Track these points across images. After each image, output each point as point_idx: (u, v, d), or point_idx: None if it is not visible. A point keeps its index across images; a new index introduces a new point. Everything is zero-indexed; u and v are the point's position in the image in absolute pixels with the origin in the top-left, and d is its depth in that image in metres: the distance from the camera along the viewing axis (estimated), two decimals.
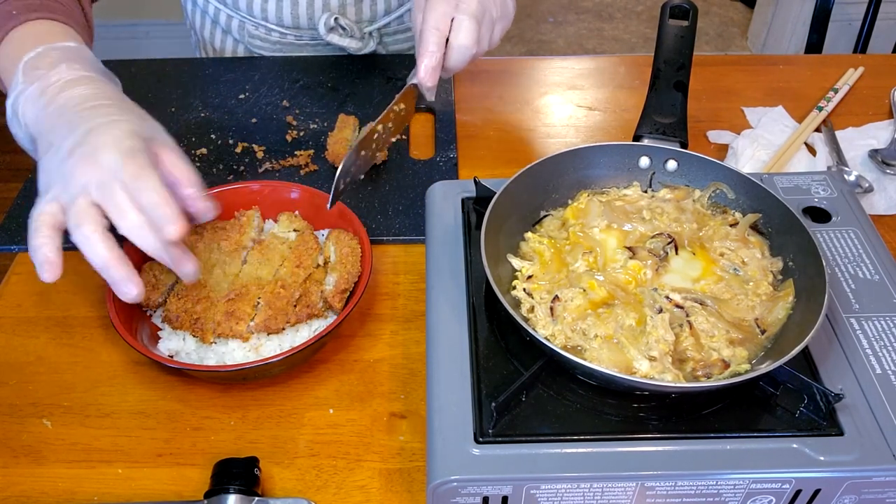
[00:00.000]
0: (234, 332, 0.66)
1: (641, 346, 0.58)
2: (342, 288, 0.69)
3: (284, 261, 0.72)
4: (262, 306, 0.67)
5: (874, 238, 0.69)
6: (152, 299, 0.68)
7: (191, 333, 0.67)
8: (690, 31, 0.76)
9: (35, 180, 0.87)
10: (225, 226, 0.74)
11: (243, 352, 0.66)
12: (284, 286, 0.68)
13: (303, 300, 0.68)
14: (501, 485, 0.52)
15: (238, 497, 0.56)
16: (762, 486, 0.53)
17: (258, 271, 0.71)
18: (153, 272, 0.70)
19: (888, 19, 1.88)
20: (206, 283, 0.69)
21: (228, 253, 0.72)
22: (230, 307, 0.67)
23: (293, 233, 0.75)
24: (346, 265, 0.70)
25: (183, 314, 0.67)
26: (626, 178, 0.73)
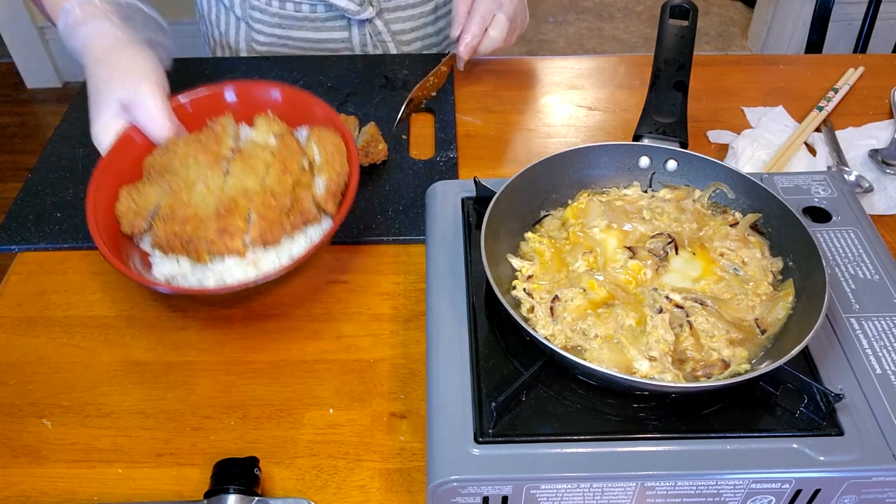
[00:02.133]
0: (230, 248, 0.63)
1: (641, 346, 0.58)
2: (333, 190, 0.66)
3: (269, 168, 0.68)
4: (255, 219, 0.64)
5: (874, 238, 0.69)
6: (136, 225, 0.65)
7: (184, 254, 0.64)
8: (690, 31, 0.76)
9: (35, 181, 0.87)
10: (199, 137, 0.70)
11: (242, 268, 0.63)
12: (274, 195, 0.65)
13: (295, 207, 0.65)
14: (501, 485, 0.52)
15: (238, 497, 0.56)
16: (762, 486, 0.53)
17: (243, 182, 0.67)
18: (131, 198, 0.67)
19: (888, 19, 1.88)
20: (189, 201, 0.66)
21: (208, 166, 0.68)
22: (221, 223, 0.63)
23: (272, 137, 0.71)
24: (334, 165, 0.67)
25: (172, 237, 0.64)
26: (626, 178, 0.73)
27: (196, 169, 0.68)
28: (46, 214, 0.82)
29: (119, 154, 0.72)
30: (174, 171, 0.67)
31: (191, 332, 0.72)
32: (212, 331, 0.72)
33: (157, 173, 0.70)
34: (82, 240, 0.79)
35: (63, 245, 0.79)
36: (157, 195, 0.67)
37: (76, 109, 0.96)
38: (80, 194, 0.84)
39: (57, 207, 0.83)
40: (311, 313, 0.73)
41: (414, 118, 0.96)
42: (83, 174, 0.87)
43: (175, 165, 0.68)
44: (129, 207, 0.66)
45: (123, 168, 0.72)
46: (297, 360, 0.69)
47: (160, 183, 0.68)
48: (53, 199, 0.84)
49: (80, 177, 0.86)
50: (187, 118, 0.75)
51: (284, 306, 0.74)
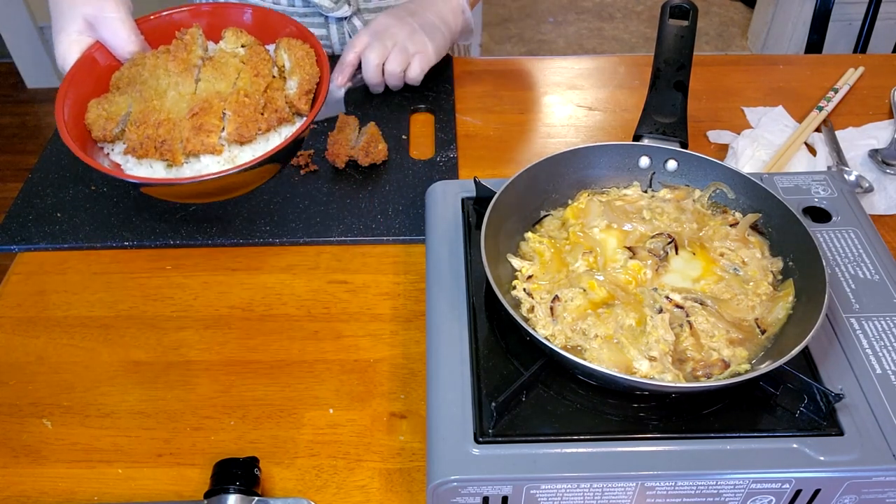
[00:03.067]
0: (206, 145, 0.63)
1: (641, 346, 0.58)
2: (306, 89, 0.66)
3: (240, 73, 0.68)
4: (230, 116, 0.64)
5: (874, 238, 0.69)
6: (108, 129, 0.65)
7: (158, 158, 0.64)
8: (690, 31, 0.76)
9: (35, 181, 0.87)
10: (167, 49, 0.70)
11: (218, 166, 0.63)
12: (248, 95, 0.65)
13: (269, 107, 0.66)
14: (501, 485, 0.52)
15: (238, 497, 0.56)
16: (762, 486, 0.53)
17: (215, 86, 0.67)
18: (102, 106, 0.67)
19: (888, 19, 1.88)
20: (161, 107, 0.66)
21: (178, 74, 0.68)
22: (196, 122, 0.63)
23: (241, 49, 0.72)
24: (305, 67, 0.68)
25: (146, 140, 0.63)
26: (626, 178, 0.73)
27: (166, 78, 0.68)
28: (46, 214, 0.82)
29: (84, 70, 0.72)
30: (143, 81, 0.68)
31: (191, 332, 0.72)
32: (212, 331, 0.72)
33: (126, 85, 0.70)
34: (82, 240, 0.79)
35: (63, 245, 0.79)
36: (126, 103, 0.67)
37: None
38: (79, 194, 0.84)
39: (57, 207, 0.83)
40: (311, 313, 0.73)
41: (414, 118, 0.96)
42: (83, 174, 0.87)
43: (144, 76, 0.68)
44: (100, 115, 0.66)
45: (89, 85, 0.72)
46: (297, 360, 0.69)
47: (129, 92, 0.69)
48: (53, 199, 0.84)
49: (80, 177, 0.86)
50: (156, 38, 0.75)
51: (284, 306, 0.74)
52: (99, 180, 0.86)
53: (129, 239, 0.79)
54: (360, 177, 0.87)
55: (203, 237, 0.79)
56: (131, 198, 0.84)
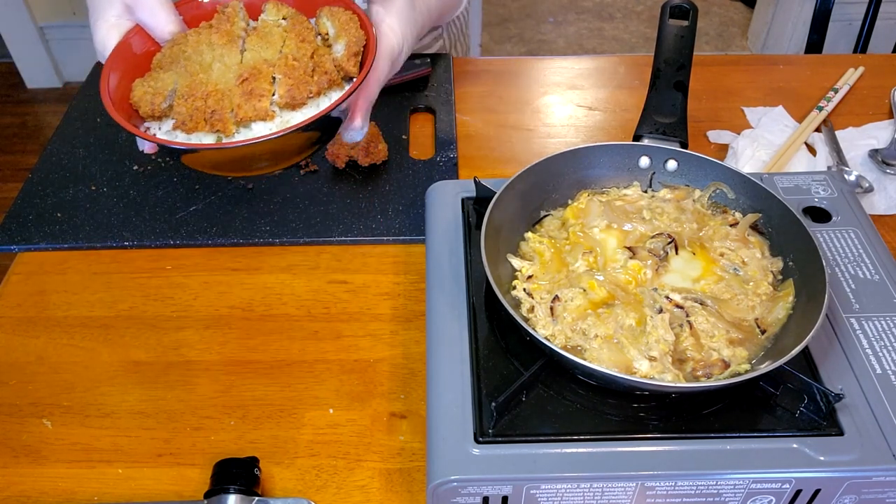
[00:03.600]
0: (258, 110, 0.62)
1: (641, 346, 0.58)
2: (354, 51, 0.66)
3: (286, 40, 0.68)
4: (281, 79, 0.64)
5: (874, 238, 0.69)
6: (156, 104, 0.65)
7: (209, 130, 0.63)
8: (690, 31, 0.76)
9: (35, 181, 0.87)
10: (209, 24, 0.70)
11: (269, 131, 0.63)
12: (296, 59, 0.65)
13: (318, 69, 0.65)
14: (501, 485, 0.52)
15: (238, 497, 0.56)
16: (762, 486, 0.53)
17: (261, 54, 0.67)
18: (147, 83, 0.66)
19: (888, 19, 1.88)
20: (207, 80, 0.65)
21: (223, 46, 0.68)
22: (247, 87, 0.63)
23: (283, 20, 0.71)
24: (350, 31, 0.67)
25: (196, 112, 0.63)
26: (626, 178, 0.73)
27: (210, 52, 0.68)
28: (46, 214, 0.82)
29: (124, 54, 0.71)
30: (187, 57, 0.67)
31: (191, 332, 0.72)
32: (212, 331, 0.72)
33: (169, 64, 0.70)
34: (82, 240, 0.79)
35: (63, 245, 0.79)
36: (172, 79, 0.67)
37: (76, 109, 0.96)
38: (79, 194, 0.84)
39: (57, 207, 0.83)
40: (311, 313, 0.73)
41: (414, 118, 0.96)
42: (83, 174, 0.87)
43: (187, 53, 0.68)
44: (146, 91, 0.65)
45: (129, 68, 0.71)
46: (297, 360, 0.69)
47: (174, 69, 0.69)
48: (53, 199, 0.84)
49: (80, 177, 0.86)
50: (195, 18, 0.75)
51: (284, 306, 0.74)
52: (99, 180, 0.86)
53: (129, 239, 0.79)
54: (360, 177, 0.87)
55: (203, 237, 0.79)
56: (131, 198, 0.84)
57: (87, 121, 0.94)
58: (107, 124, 0.93)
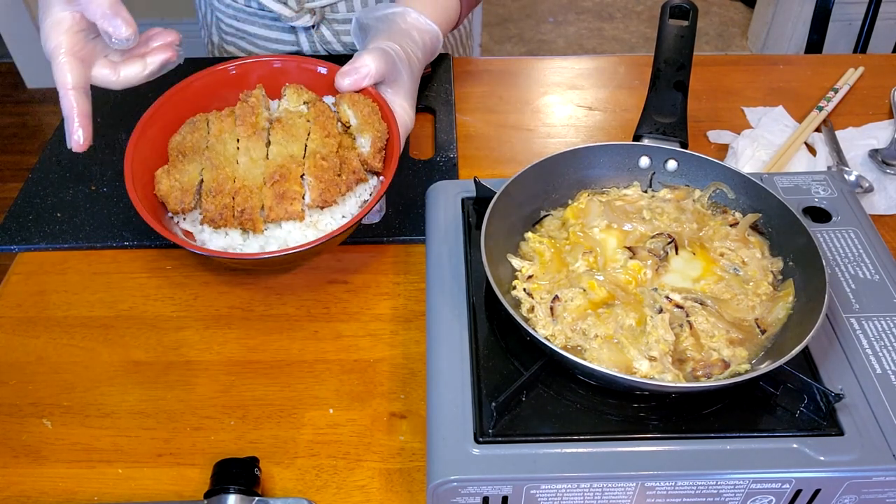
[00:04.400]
0: (290, 213, 0.62)
1: (641, 346, 0.58)
2: (378, 147, 0.66)
3: (310, 133, 0.68)
4: (311, 181, 0.64)
5: (874, 238, 0.69)
6: (185, 202, 0.65)
7: (238, 226, 0.63)
8: (690, 31, 0.76)
9: (35, 181, 0.87)
10: (232, 112, 0.70)
11: (301, 231, 0.63)
12: (325, 158, 0.65)
13: (345, 168, 0.65)
14: (501, 485, 0.52)
15: (238, 497, 0.56)
16: (762, 486, 0.53)
17: (288, 149, 0.66)
18: (173, 177, 0.66)
19: (888, 19, 1.88)
20: (234, 174, 0.65)
21: (248, 138, 0.67)
22: (279, 189, 0.63)
23: (304, 106, 0.71)
24: (373, 123, 0.67)
25: (224, 210, 0.63)
26: (626, 178, 0.73)
27: (233, 143, 0.68)
28: (46, 214, 0.82)
29: (142, 138, 0.72)
30: (210, 147, 0.67)
31: (191, 332, 0.72)
32: (212, 331, 0.72)
33: (191, 152, 0.69)
34: (82, 240, 0.79)
35: (63, 245, 0.79)
36: (197, 171, 0.66)
37: None
38: (79, 194, 0.84)
39: (57, 207, 0.83)
40: (311, 313, 0.73)
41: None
42: (83, 174, 0.87)
43: (210, 142, 0.67)
44: (173, 186, 0.65)
45: (147, 151, 0.72)
46: (297, 360, 0.69)
47: (198, 160, 0.68)
48: (53, 199, 0.84)
49: (80, 177, 0.86)
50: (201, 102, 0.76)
51: (284, 306, 0.74)
52: (99, 180, 0.86)
53: (129, 239, 0.79)
54: None
55: None
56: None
57: None
58: (107, 124, 0.93)
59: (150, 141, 0.72)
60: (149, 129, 0.72)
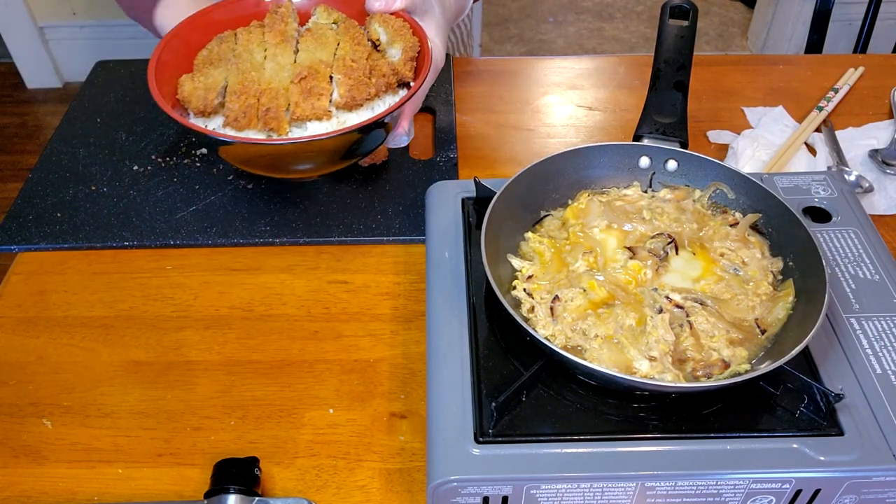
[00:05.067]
0: (316, 109, 0.61)
1: (641, 346, 0.58)
2: (410, 55, 0.66)
3: (340, 42, 0.67)
4: (340, 79, 0.63)
5: (874, 238, 0.69)
6: (208, 100, 0.64)
7: (262, 127, 0.62)
8: (690, 31, 0.76)
9: (35, 181, 0.87)
10: (260, 25, 0.69)
11: (326, 131, 0.62)
12: (354, 60, 0.64)
13: (375, 72, 0.65)
14: (501, 485, 0.52)
15: (238, 497, 0.56)
16: (762, 486, 0.53)
17: (316, 55, 0.66)
18: (196, 79, 0.65)
19: (888, 19, 1.88)
20: (259, 78, 0.64)
21: (276, 45, 0.67)
22: (305, 85, 0.62)
23: (334, 24, 0.71)
24: (405, 37, 0.66)
25: (248, 109, 0.62)
26: (626, 178, 0.73)
27: (261, 51, 0.67)
28: (46, 214, 0.82)
29: (169, 50, 0.70)
30: (237, 55, 0.66)
31: (191, 332, 0.72)
32: (212, 331, 0.72)
33: (217, 60, 0.69)
34: (82, 240, 0.79)
35: (63, 245, 0.79)
36: (223, 76, 0.65)
37: (76, 109, 0.96)
38: (79, 194, 0.84)
39: (57, 207, 0.83)
40: (311, 313, 0.73)
41: (414, 118, 0.96)
42: (83, 174, 0.87)
43: (238, 51, 0.67)
44: (196, 87, 0.64)
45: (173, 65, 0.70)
46: (297, 360, 0.69)
47: (223, 66, 0.67)
48: (53, 199, 0.84)
49: (80, 177, 0.86)
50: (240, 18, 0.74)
51: (284, 306, 0.74)
52: (99, 180, 0.86)
53: (129, 239, 0.79)
54: (360, 177, 0.87)
55: (203, 237, 0.79)
56: (131, 198, 0.84)
57: (87, 121, 0.94)
58: (107, 124, 0.93)
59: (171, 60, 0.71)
60: (169, 50, 0.71)
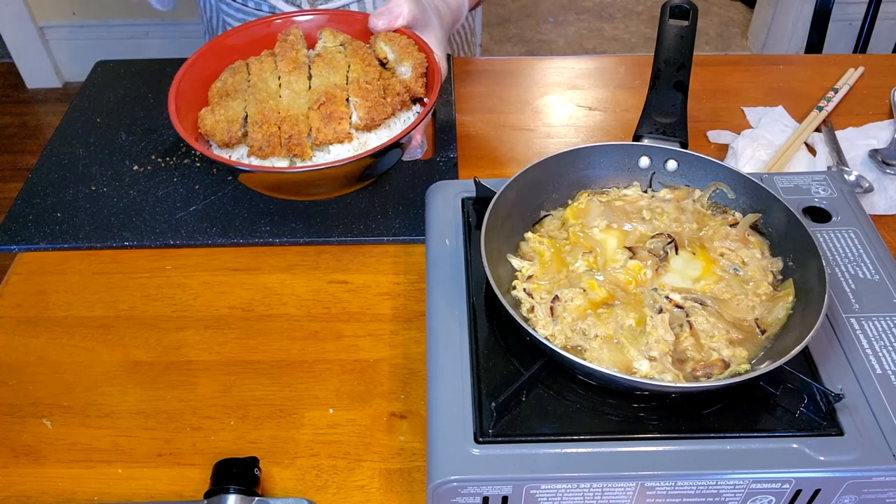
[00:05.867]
0: (338, 133, 0.63)
1: (641, 346, 0.58)
2: (420, 72, 0.67)
3: (350, 65, 0.69)
4: (358, 102, 0.64)
5: (874, 238, 0.69)
6: (232, 132, 0.65)
7: (286, 154, 0.64)
8: (690, 31, 0.76)
9: (35, 181, 0.87)
10: (271, 54, 0.71)
11: (348, 153, 0.63)
12: (368, 82, 0.66)
13: (389, 91, 0.66)
14: (501, 485, 0.52)
15: (238, 497, 0.56)
16: (762, 486, 0.53)
17: (330, 79, 0.67)
18: (217, 112, 0.66)
19: (888, 19, 1.88)
20: (277, 106, 0.66)
21: (290, 73, 0.68)
22: (325, 111, 0.64)
23: (341, 46, 0.72)
24: (412, 53, 0.68)
25: (271, 138, 0.63)
26: (626, 178, 0.73)
27: (275, 79, 0.68)
28: (46, 214, 0.82)
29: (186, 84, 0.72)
30: (253, 85, 0.68)
31: (191, 332, 0.72)
32: (212, 331, 0.72)
33: (234, 92, 0.70)
34: (82, 240, 0.79)
35: (63, 245, 0.79)
36: (241, 107, 0.66)
37: (76, 109, 0.96)
38: (79, 194, 0.84)
39: (57, 207, 0.83)
40: (311, 313, 0.73)
41: None
42: (83, 174, 0.87)
43: (253, 80, 0.68)
44: (218, 120, 0.65)
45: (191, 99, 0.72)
46: (297, 360, 0.69)
47: (241, 98, 0.69)
48: (53, 199, 0.84)
49: (80, 177, 0.86)
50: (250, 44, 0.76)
51: (284, 306, 0.74)
52: (99, 180, 0.86)
53: (129, 239, 0.79)
54: None
55: (203, 237, 0.79)
56: (131, 198, 0.84)
57: (87, 121, 0.94)
58: (107, 124, 0.94)
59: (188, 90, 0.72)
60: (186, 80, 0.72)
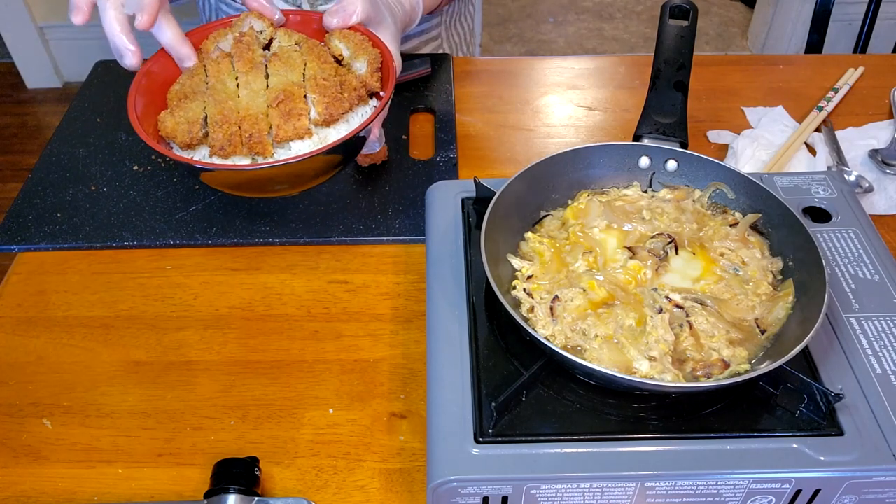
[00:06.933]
0: (298, 129, 0.64)
1: (641, 346, 0.58)
2: (375, 67, 0.68)
3: (307, 63, 0.70)
4: (316, 98, 0.65)
5: (874, 238, 0.69)
6: (193, 133, 0.66)
7: (247, 153, 0.65)
8: (690, 31, 0.76)
9: (35, 181, 0.87)
10: (227, 55, 0.71)
11: (309, 148, 0.64)
12: (325, 78, 0.67)
13: (345, 87, 0.67)
14: (501, 485, 0.52)
15: (238, 497, 0.56)
16: (762, 486, 0.53)
17: (287, 77, 0.68)
18: (177, 114, 0.67)
19: (888, 19, 1.88)
20: (237, 106, 0.67)
21: (247, 73, 0.69)
22: (284, 108, 0.64)
23: (296, 46, 0.73)
24: (366, 49, 0.69)
25: (232, 137, 0.64)
26: (626, 178, 0.73)
27: (232, 80, 0.69)
28: (46, 214, 0.82)
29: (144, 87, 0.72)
30: (211, 86, 0.69)
31: (191, 332, 0.72)
32: (212, 331, 0.72)
33: (192, 94, 0.71)
34: (82, 240, 0.79)
35: (63, 245, 0.79)
36: (201, 108, 0.67)
37: (76, 109, 0.96)
38: (79, 194, 0.84)
39: (57, 207, 0.83)
40: (311, 313, 0.73)
41: (413, 118, 0.96)
42: (83, 174, 0.87)
43: (211, 82, 0.69)
44: (179, 122, 0.66)
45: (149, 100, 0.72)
46: (297, 360, 0.69)
47: (200, 99, 0.69)
48: (53, 199, 0.84)
49: (80, 177, 0.86)
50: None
51: (284, 306, 0.74)
52: (99, 180, 0.86)
53: (129, 239, 0.79)
54: (360, 177, 0.87)
55: (203, 237, 0.79)
56: (131, 198, 0.84)
57: (87, 121, 0.94)
58: (107, 124, 0.93)
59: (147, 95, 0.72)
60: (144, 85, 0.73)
